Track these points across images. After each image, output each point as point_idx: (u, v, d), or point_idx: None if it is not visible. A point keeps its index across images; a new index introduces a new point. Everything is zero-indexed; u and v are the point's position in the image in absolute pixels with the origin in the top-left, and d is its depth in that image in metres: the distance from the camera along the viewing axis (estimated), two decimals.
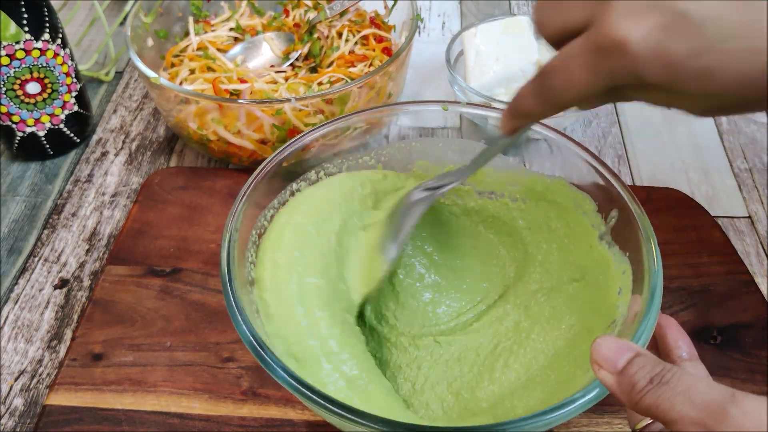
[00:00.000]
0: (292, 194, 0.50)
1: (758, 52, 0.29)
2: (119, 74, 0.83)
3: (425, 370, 0.48)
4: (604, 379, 0.31)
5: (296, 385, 0.36)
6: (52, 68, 0.65)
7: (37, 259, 0.62)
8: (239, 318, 0.39)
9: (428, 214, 0.53)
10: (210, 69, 0.69)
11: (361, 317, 0.49)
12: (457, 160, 0.54)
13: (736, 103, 0.31)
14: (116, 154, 0.72)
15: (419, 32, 0.90)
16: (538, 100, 0.36)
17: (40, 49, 0.63)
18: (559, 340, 0.48)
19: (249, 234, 0.46)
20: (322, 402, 0.35)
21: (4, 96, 0.64)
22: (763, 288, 0.58)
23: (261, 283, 0.43)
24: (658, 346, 0.42)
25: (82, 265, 0.61)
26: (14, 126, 0.67)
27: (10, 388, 0.52)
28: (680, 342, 0.41)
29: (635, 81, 0.31)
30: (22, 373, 0.53)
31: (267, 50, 0.74)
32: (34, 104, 0.66)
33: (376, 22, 0.76)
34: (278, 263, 0.44)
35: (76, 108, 0.70)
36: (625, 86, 0.33)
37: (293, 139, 0.49)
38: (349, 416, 0.35)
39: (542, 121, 0.50)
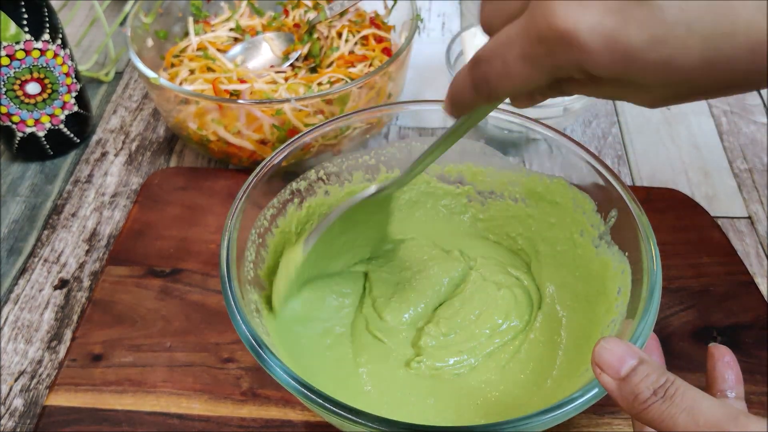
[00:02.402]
0: (293, 194, 0.50)
1: (728, 35, 0.25)
2: (119, 75, 0.83)
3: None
4: (605, 383, 0.31)
5: (296, 384, 0.36)
6: (52, 68, 0.65)
7: (36, 259, 0.62)
8: (239, 318, 0.39)
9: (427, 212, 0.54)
10: (210, 69, 0.69)
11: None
12: (456, 158, 0.54)
13: (694, 91, 0.28)
14: (116, 155, 0.72)
15: (419, 32, 0.90)
16: (472, 92, 0.32)
17: (40, 50, 0.63)
18: (557, 339, 0.48)
19: (248, 234, 0.46)
20: (322, 402, 0.35)
21: (4, 96, 0.64)
22: (763, 288, 0.58)
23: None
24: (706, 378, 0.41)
25: (81, 266, 0.61)
26: (14, 126, 0.67)
27: (10, 389, 0.52)
28: (727, 375, 0.39)
29: (583, 75, 0.28)
30: (21, 373, 0.53)
31: (267, 50, 0.74)
32: (34, 104, 0.66)
33: (375, 22, 0.76)
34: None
35: (76, 108, 0.70)
36: (570, 80, 0.29)
37: (293, 139, 0.49)
38: (349, 416, 0.35)
39: (542, 121, 0.51)
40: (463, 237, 0.55)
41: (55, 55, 0.65)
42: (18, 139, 0.68)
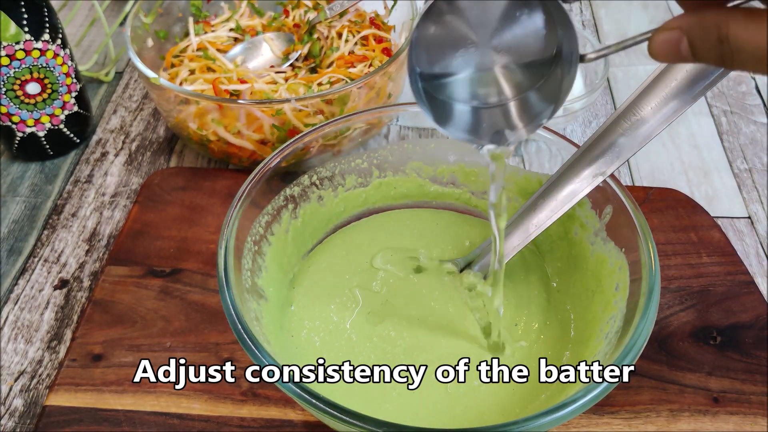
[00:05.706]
0: (287, 200, 0.50)
1: None
2: (119, 75, 0.83)
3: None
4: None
5: (299, 391, 0.36)
6: (52, 68, 0.65)
7: (36, 259, 0.62)
8: (239, 326, 0.38)
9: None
10: (210, 69, 0.69)
11: None
12: (450, 160, 0.54)
13: None
14: (116, 155, 0.72)
15: None
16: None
17: (40, 50, 0.63)
18: (557, 337, 0.48)
19: (245, 241, 0.45)
20: (325, 408, 0.35)
21: (4, 96, 0.64)
22: (763, 288, 0.58)
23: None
24: None
25: (82, 266, 0.61)
26: (14, 126, 0.67)
27: (10, 389, 0.52)
28: None
29: None
30: (21, 373, 0.53)
31: (267, 51, 0.74)
32: (34, 104, 0.66)
33: (375, 22, 0.76)
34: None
35: (76, 108, 0.70)
36: None
37: (292, 140, 0.49)
38: (353, 421, 0.35)
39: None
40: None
41: (55, 55, 0.65)
42: (18, 139, 0.68)
